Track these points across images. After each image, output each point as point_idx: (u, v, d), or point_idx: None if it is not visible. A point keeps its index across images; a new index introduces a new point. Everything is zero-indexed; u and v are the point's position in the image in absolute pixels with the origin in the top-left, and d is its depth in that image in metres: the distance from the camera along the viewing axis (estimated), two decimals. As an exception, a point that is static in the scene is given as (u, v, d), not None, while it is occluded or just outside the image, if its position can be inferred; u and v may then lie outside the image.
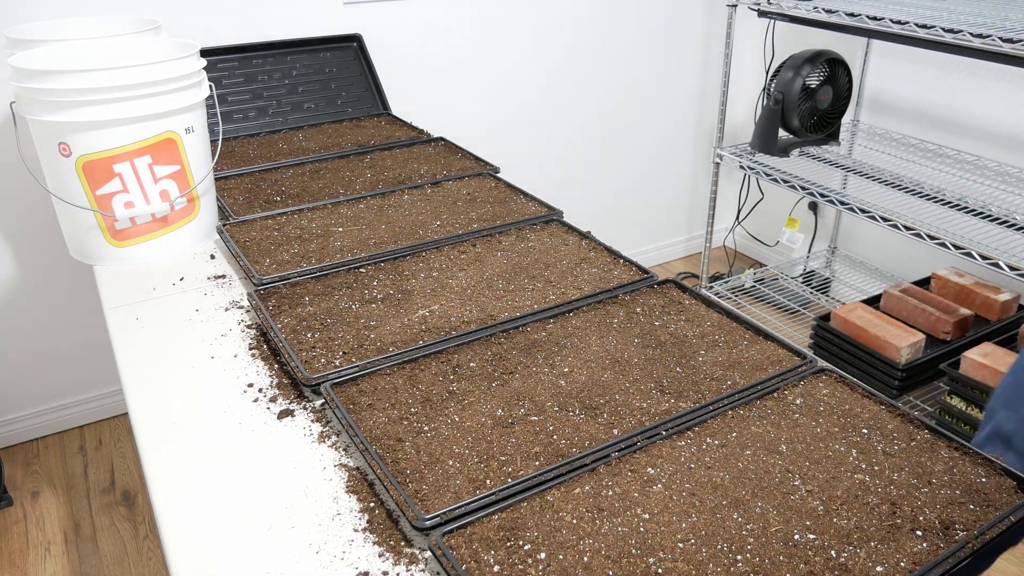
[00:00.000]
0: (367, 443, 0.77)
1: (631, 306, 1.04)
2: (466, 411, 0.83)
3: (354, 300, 1.05)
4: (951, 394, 1.90)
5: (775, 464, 0.76)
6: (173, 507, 0.75)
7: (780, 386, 0.87)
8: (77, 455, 2.11)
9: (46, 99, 1.11)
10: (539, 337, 0.97)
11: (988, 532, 0.67)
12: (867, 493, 0.72)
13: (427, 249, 1.19)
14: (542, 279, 1.10)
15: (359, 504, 0.75)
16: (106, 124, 1.14)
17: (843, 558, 0.65)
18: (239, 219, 1.27)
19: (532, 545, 0.66)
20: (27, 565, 1.77)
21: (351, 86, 1.88)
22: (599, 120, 2.69)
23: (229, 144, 1.63)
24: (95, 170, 1.16)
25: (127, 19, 1.64)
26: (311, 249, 1.18)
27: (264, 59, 1.81)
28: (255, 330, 1.04)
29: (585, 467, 0.75)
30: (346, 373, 0.89)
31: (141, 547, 1.82)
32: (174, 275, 1.19)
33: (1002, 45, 1.63)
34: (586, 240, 1.22)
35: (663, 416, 0.82)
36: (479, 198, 1.37)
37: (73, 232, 1.24)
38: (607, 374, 0.89)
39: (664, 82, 2.75)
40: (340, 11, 2.11)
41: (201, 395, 0.91)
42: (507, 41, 2.41)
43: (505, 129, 2.52)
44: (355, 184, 1.43)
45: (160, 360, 0.98)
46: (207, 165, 1.30)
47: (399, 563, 0.68)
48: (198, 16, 1.95)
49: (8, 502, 1.93)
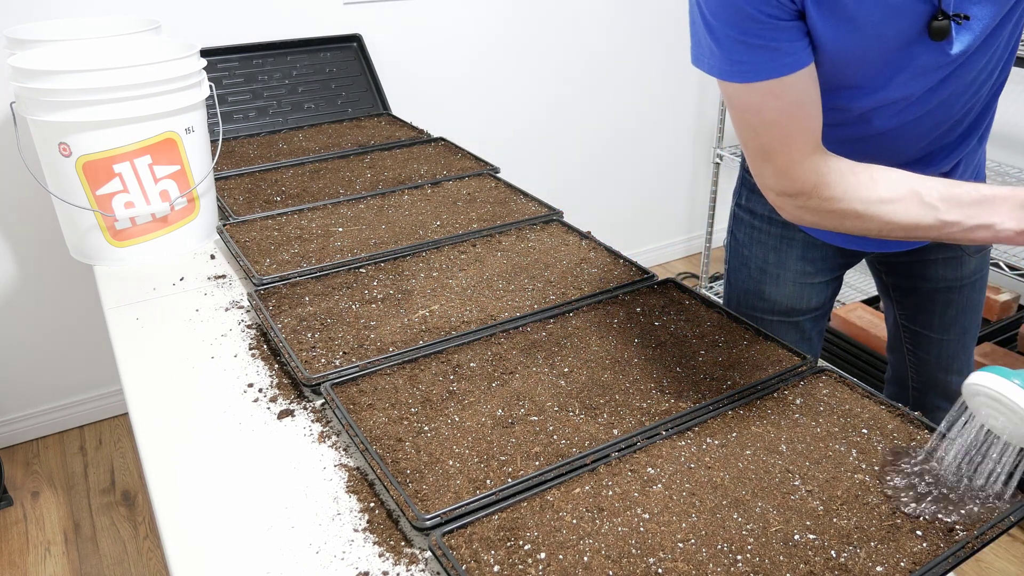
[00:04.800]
0: (367, 443, 0.77)
1: (631, 306, 1.04)
2: (466, 411, 0.83)
3: (354, 300, 1.05)
4: (951, 394, 1.90)
5: (775, 464, 0.76)
6: (173, 507, 0.75)
7: (780, 386, 0.87)
8: (77, 455, 2.11)
9: (46, 99, 1.11)
10: (539, 337, 0.97)
11: (988, 532, 0.67)
12: (867, 493, 0.72)
13: (427, 249, 1.19)
14: (542, 279, 1.10)
15: (359, 504, 0.75)
16: (106, 124, 1.14)
17: (843, 558, 0.65)
18: (239, 219, 1.27)
19: (532, 545, 0.66)
20: (27, 565, 1.77)
21: (351, 86, 1.88)
22: (599, 120, 2.69)
23: (229, 144, 1.63)
24: (95, 170, 1.16)
25: (127, 19, 1.64)
26: (311, 249, 1.18)
27: (264, 59, 1.81)
28: (255, 330, 1.04)
29: (585, 467, 0.75)
30: (346, 373, 0.89)
31: (141, 547, 1.82)
32: (174, 275, 1.19)
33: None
34: (586, 240, 1.22)
35: (663, 416, 0.82)
36: (479, 198, 1.37)
37: (73, 232, 1.24)
38: (607, 374, 0.89)
39: (665, 82, 2.76)
40: (340, 11, 2.11)
41: (201, 395, 0.91)
42: (507, 41, 2.41)
43: (505, 129, 2.52)
44: (355, 184, 1.43)
45: (160, 360, 0.98)
46: (207, 165, 1.30)
47: (399, 563, 0.68)
48: (198, 16, 1.95)
49: (8, 502, 1.94)
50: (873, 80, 0.87)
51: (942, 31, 0.79)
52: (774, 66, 0.78)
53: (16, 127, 1.26)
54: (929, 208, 0.80)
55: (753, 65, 0.79)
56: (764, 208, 1.12)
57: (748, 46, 0.78)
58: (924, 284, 1.17)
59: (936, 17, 0.78)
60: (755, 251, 1.16)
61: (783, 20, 0.77)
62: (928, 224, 0.80)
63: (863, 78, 0.86)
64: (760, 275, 1.16)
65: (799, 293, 1.15)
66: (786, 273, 1.14)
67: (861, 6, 0.78)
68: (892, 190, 0.81)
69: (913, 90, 0.87)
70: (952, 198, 0.79)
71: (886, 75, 0.85)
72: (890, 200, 0.81)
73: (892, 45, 0.82)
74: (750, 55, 0.78)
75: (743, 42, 0.78)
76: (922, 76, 0.85)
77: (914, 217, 0.81)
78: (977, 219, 0.78)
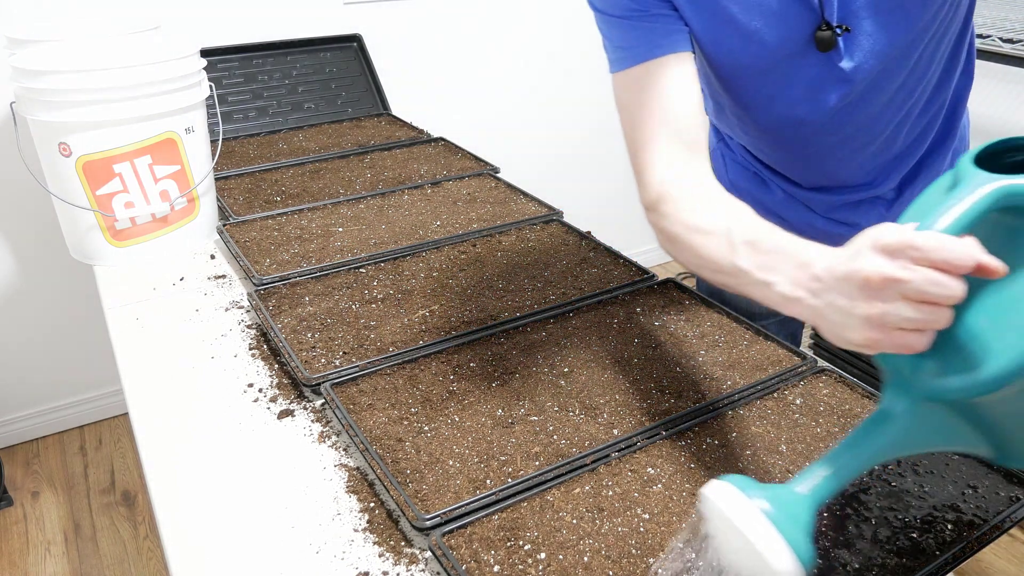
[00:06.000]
0: (367, 443, 0.77)
1: (631, 306, 1.04)
2: (466, 411, 0.83)
3: (354, 300, 1.05)
4: (951, 394, 1.90)
5: (775, 464, 0.76)
6: (173, 507, 0.75)
7: (780, 386, 0.87)
8: (77, 455, 2.11)
9: (46, 99, 1.11)
10: (539, 337, 0.97)
11: (988, 532, 0.67)
12: (867, 493, 0.72)
13: (427, 249, 1.19)
14: (542, 279, 1.10)
15: (359, 504, 0.75)
16: (106, 124, 1.14)
17: (843, 558, 0.65)
18: (239, 219, 1.27)
19: (532, 545, 0.66)
20: (27, 565, 1.77)
21: (351, 86, 1.88)
22: (599, 120, 2.69)
23: (229, 144, 1.62)
24: (95, 170, 1.16)
25: (127, 19, 1.64)
26: (311, 249, 1.18)
27: (264, 59, 1.81)
28: (255, 330, 1.04)
29: (585, 467, 0.75)
30: (346, 373, 0.89)
31: (141, 547, 1.82)
32: (174, 275, 1.19)
33: (1002, 45, 1.63)
34: (586, 240, 1.22)
35: (663, 416, 0.82)
36: (479, 198, 1.37)
37: (73, 232, 1.24)
38: (607, 374, 0.89)
39: (664, 82, 2.75)
40: (340, 11, 2.11)
41: (201, 395, 0.91)
42: (507, 40, 2.41)
43: (505, 129, 2.52)
44: (355, 184, 1.43)
45: (160, 360, 0.98)
46: (207, 165, 1.30)
47: (399, 563, 0.68)
48: (198, 16, 1.95)
49: (8, 502, 1.94)
50: (770, 93, 0.85)
51: (826, 42, 0.78)
52: (647, 47, 0.77)
53: (16, 127, 1.26)
54: (730, 249, 0.67)
55: (629, 50, 0.79)
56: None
57: (624, 24, 0.79)
58: None
59: (820, 27, 0.78)
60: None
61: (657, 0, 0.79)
62: (725, 267, 0.68)
63: (757, 89, 0.85)
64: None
65: None
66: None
67: (740, 8, 0.78)
68: (712, 221, 0.71)
69: (815, 109, 0.85)
70: (753, 243, 0.65)
71: (780, 86, 0.84)
72: (705, 231, 0.71)
73: (779, 55, 0.81)
74: (627, 35, 0.79)
75: (621, 19, 0.79)
76: (820, 93, 0.84)
77: (716, 255, 0.68)
78: (763, 272, 0.63)
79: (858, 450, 0.53)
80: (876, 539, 0.67)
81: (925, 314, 0.49)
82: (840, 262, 0.54)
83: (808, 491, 0.52)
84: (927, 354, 0.50)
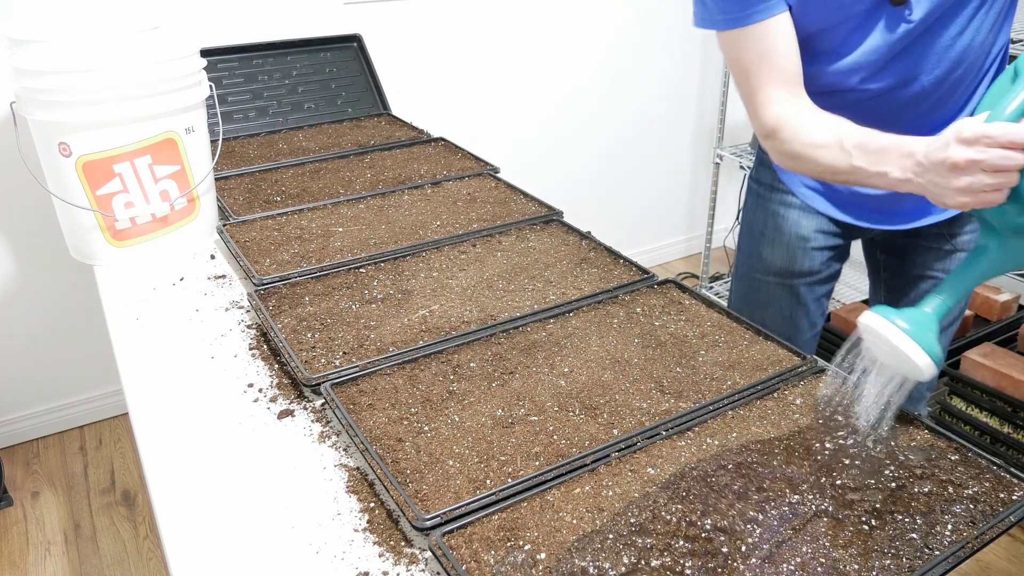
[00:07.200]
0: (367, 443, 0.77)
1: (631, 306, 1.04)
2: (466, 411, 0.83)
3: (354, 300, 1.05)
4: (951, 394, 1.91)
5: (775, 464, 0.75)
6: (173, 507, 0.75)
7: (780, 386, 0.87)
8: (77, 455, 2.11)
9: (46, 99, 1.11)
10: (539, 337, 0.97)
11: (988, 532, 0.67)
12: (867, 493, 0.72)
13: (427, 249, 1.19)
14: (542, 279, 1.10)
15: (359, 504, 0.75)
16: (106, 124, 1.14)
17: (843, 558, 0.65)
18: (239, 219, 1.27)
19: (532, 545, 0.66)
20: (27, 565, 1.77)
21: (351, 86, 1.88)
22: (599, 120, 2.69)
23: (229, 144, 1.62)
24: (95, 170, 1.16)
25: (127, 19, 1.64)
26: (311, 249, 1.18)
27: (264, 59, 1.81)
28: (255, 330, 1.04)
29: (585, 467, 0.75)
30: (346, 373, 0.89)
31: (141, 547, 1.82)
32: (174, 275, 1.19)
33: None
34: (586, 240, 1.22)
35: (663, 416, 0.82)
36: (479, 198, 1.37)
37: (73, 232, 1.23)
38: (607, 374, 0.89)
39: (665, 82, 2.76)
40: (340, 11, 2.11)
41: (201, 395, 0.91)
42: (507, 41, 2.41)
43: (505, 129, 2.52)
44: (355, 184, 1.43)
45: (160, 360, 0.98)
46: (207, 165, 1.30)
47: (399, 563, 0.68)
48: (198, 16, 1.95)
49: (8, 502, 1.94)
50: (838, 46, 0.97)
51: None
52: (758, 10, 0.92)
53: (16, 127, 1.25)
54: (845, 154, 0.88)
55: (739, 12, 0.93)
56: (768, 178, 1.24)
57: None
58: (912, 269, 1.22)
59: None
60: (757, 216, 1.27)
61: None
62: (845, 168, 0.88)
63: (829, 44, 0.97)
64: (760, 238, 1.27)
65: (791, 256, 1.24)
66: (781, 236, 1.23)
67: None
68: (824, 136, 0.90)
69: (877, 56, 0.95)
70: (862, 145, 0.86)
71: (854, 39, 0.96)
72: (821, 145, 0.90)
73: (854, 10, 0.93)
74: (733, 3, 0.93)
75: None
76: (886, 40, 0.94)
77: (835, 161, 0.89)
78: (876, 166, 0.84)
79: (964, 276, 0.79)
80: (876, 539, 0.67)
81: (999, 179, 0.71)
82: (934, 150, 0.76)
83: (932, 310, 0.78)
84: (1005, 205, 0.73)
